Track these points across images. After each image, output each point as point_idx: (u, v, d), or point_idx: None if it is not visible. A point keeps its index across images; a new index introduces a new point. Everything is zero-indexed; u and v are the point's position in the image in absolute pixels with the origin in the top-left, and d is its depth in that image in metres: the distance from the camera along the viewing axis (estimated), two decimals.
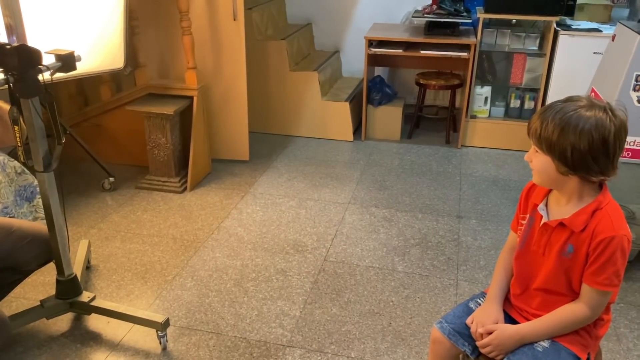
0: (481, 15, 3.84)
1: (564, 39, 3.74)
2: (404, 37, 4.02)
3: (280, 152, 4.04)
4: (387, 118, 4.25)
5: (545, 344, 1.38)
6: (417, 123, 4.40)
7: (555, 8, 3.72)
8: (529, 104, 4.07)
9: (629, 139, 2.47)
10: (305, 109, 4.25)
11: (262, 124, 4.32)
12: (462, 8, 3.93)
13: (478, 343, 1.44)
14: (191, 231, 3.00)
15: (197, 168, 3.51)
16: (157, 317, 2.14)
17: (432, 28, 3.99)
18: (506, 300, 1.51)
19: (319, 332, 2.27)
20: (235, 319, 2.33)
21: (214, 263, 2.72)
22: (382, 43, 4.08)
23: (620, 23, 2.60)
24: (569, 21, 3.88)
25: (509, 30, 4.02)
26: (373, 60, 4.24)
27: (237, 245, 2.87)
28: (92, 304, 2.19)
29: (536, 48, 3.97)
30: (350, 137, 4.26)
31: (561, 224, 1.35)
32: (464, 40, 3.88)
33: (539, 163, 1.33)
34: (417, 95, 4.28)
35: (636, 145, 2.48)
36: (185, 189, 3.44)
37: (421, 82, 4.15)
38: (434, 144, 4.23)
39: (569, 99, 1.30)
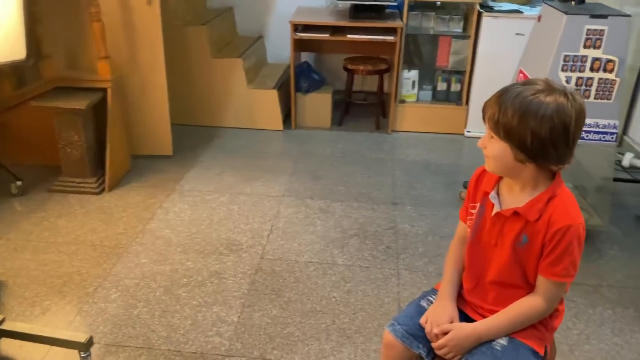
0: None
1: (487, 20, 3.77)
2: (330, 21, 3.91)
3: (207, 145, 3.83)
4: (317, 105, 4.14)
5: (503, 341, 1.32)
6: (346, 109, 4.32)
7: None
8: (455, 87, 4.09)
9: None
10: (231, 98, 4.05)
11: (185, 115, 4.07)
12: None
13: (434, 345, 1.36)
14: (112, 236, 2.75)
15: (116, 166, 3.24)
16: (79, 337, 1.92)
17: (357, 11, 3.90)
18: (459, 297, 1.44)
19: (260, 337, 2.13)
20: (168, 330, 2.15)
21: (140, 270, 2.50)
22: (307, 27, 3.95)
23: (546, 3, 2.60)
24: (491, 2, 3.92)
25: (433, 13, 4.00)
26: (299, 46, 4.10)
27: (164, 248, 2.67)
28: (1, 327, 1.93)
29: (460, 30, 3.98)
30: (280, 126, 4.11)
31: (515, 213, 1.29)
32: (390, 24, 3.82)
33: (495, 150, 1.25)
34: (346, 81, 4.19)
35: None
36: (103, 190, 3.17)
37: (349, 67, 4.06)
38: (365, 130, 4.17)
39: (527, 82, 1.23)
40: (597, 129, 2.49)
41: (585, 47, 2.37)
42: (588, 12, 2.34)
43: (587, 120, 2.49)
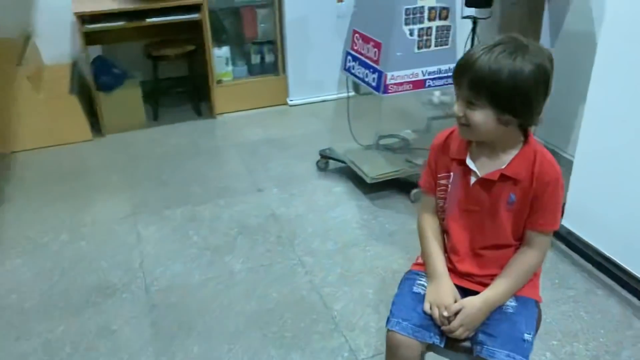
0: None
1: None
2: (122, 6, 3.41)
3: (7, 177, 3.11)
4: (125, 103, 3.65)
5: (512, 302, 1.32)
6: (157, 101, 3.90)
7: None
8: (269, 57, 3.98)
9: (408, 71, 2.58)
10: (20, 115, 3.33)
11: None
12: None
13: (446, 328, 1.29)
14: None
15: None
16: None
17: None
18: (450, 272, 1.39)
19: None
20: None
21: None
22: (94, 18, 3.39)
23: None
24: None
25: None
26: (86, 40, 3.52)
27: (18, 320, 2.11)
28: None
29: None
30: (89, 135, 3.53)
31: (502, 176, 1.26)
32: (192, 1, 3.50)
33: (478, 117, 1.19)
34: (152, 70, 3.75)
35: (414, 77, 2.60)
36: None
37: (154, 54, 3.64)
38: (187, 120, 3.83)
39: (496, 44, 1.17)
40: (441, 74, 2.64)
41: None
42: None
43: (430, 68, 2.63)
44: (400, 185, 2.86)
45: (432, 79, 2.64)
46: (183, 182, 3.05)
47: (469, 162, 1.30)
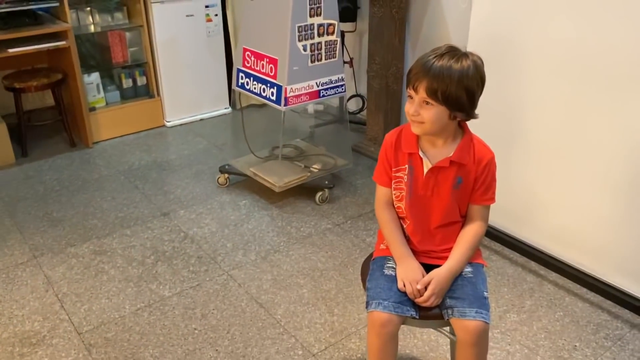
0: None
1: (156, 7, 3.67)
2: None
3: None
4: None
5: (468, 268, 1.55)
6: (24, 135, 3.59)
7: None
8: (141, 80, 3.89)
9: (304, 83, 2.77)
10: None
11: None
12: None
13: (420, 299, 1.48)
14: None
15: None
16: None
17: (8, 20, 3.21)
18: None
19: None
20: None
21: None
22: None
23: None
24: None
25: (89, 8, 3.64)
26: None
27: None
28: None
29: (127, 21, 3.75)
30: None
31: (451, 162, 1.49)
32: (57, 27, 3.31)
33: (432, 114, 1.41)
34: (15, 103, 3.46)
35: (310, 89, 2.79)
36: None
37: (16, 86, 3.37)
38: (61, 153, 3.59)
39: (444, 50, 1.39)
40: (332, 85, 2.87)
41: (310, 15, 2.65)
42: None
43: (323, 79, 2.86)
44: (304, 191, 3.03)
45: (325, 89, 2.85)
46: (78, 217, 2.89)
47: (421, 154, 1.52)
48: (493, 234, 2.59)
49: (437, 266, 1.54)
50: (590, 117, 2.12)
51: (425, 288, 1.49)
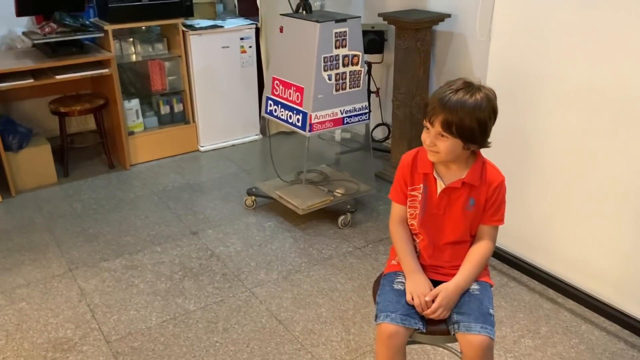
0: (108, 27, 3.57)
1: (194, 38, 3.89)
2: (28, 64, 3.36)
3: None
4: (35, 161, 3.55)
5: (476, 285, 1.61)
6: (67, 157, 3.82)
7: (178, 10, 3.79)
8: (178, 107, 4.09)
9: (329, 110, 2.89)
10: None
11: None
12: (88, 22, 3.56)
13: (428, 311, 1.55)
14: None
15: None
16: None
17: (57, 48, 3.47)
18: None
19: None
20: None
21: None
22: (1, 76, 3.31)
23: (283, 15, 2.92)
24: (188, 22, 4.02)
25: (132, 39, 3.88)
26: None
27: None
28: None
29: (167, 51, 3.98)
30: None
31: (463, 184, 1.58)
32: (101, 57, 3.55)
33: (447, 146, 1.51)
34: (59, 126, 3.69)
35: (334, 116, 2.91)
36: None
37: (61, 110, 3.60)
38: (100, 174, 3.80)
39: (459, 86, 1.49)
40: (356, 112, 2.99)
41: (336, 47, 2.79)
42: (331, 18, 2.75)
43: (347, 107, 2.97)
44: (327, 214, 3.13)
45: (349, 117, 2.97)
46: (112, 234, 3.05)
47: (435, 174, 1.61)
48: (511, 260, 2.62)
49: (445, 282, 1.61)
50: (605, 148, 2.16)
51: (433, 301, 1.56)
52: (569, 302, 2.43)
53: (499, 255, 2.67)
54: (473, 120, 1.47)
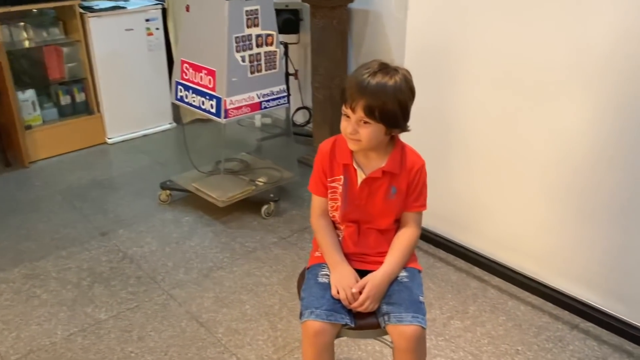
0: None
1: (93, 21, 3.57)
2: None
3: None
4: None
5: (404, 273, 1.53)
6: None
7: None
8: (80, 97, 3.76)
9: (245, 95, 2.73)
10: None
11: None
12: None
13: (355, 303, 1.44)
14: None
15: None
16: None
17: None
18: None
19: None
20: None
21: None
22: None
23: None
24: (86, 3, 3.68)
25: (23, 23, 3.50)
26: None
27: None
28: None
29: (64, 36, 3.63)
30: None
31: (383, 172, 1.48)
32: None
33: (370, 132, 1.40)
34: None
35: (250, 100, 2.74)
36: None
37: None
38: None
39: (375, 68, 1.38)
40: (274, 96, 2.83)
41: (247, 26, 2.61)
42: None
43: (264, 91, 2.82)
44: (249, 205, 2.97)
45: (267, 101, 2.81)
46: (10, 240, 2.74)
47: (355, 165, 1.51)
48: (437, 241, 2.60)
49: (372, 271, 1.51)
50: (524, 123, 2.15)
51: (360, 292, 1.46)
52: (494, 279, 2.43)
53: (425, 236, 2.63)
54: (395, 104, 1.37)
